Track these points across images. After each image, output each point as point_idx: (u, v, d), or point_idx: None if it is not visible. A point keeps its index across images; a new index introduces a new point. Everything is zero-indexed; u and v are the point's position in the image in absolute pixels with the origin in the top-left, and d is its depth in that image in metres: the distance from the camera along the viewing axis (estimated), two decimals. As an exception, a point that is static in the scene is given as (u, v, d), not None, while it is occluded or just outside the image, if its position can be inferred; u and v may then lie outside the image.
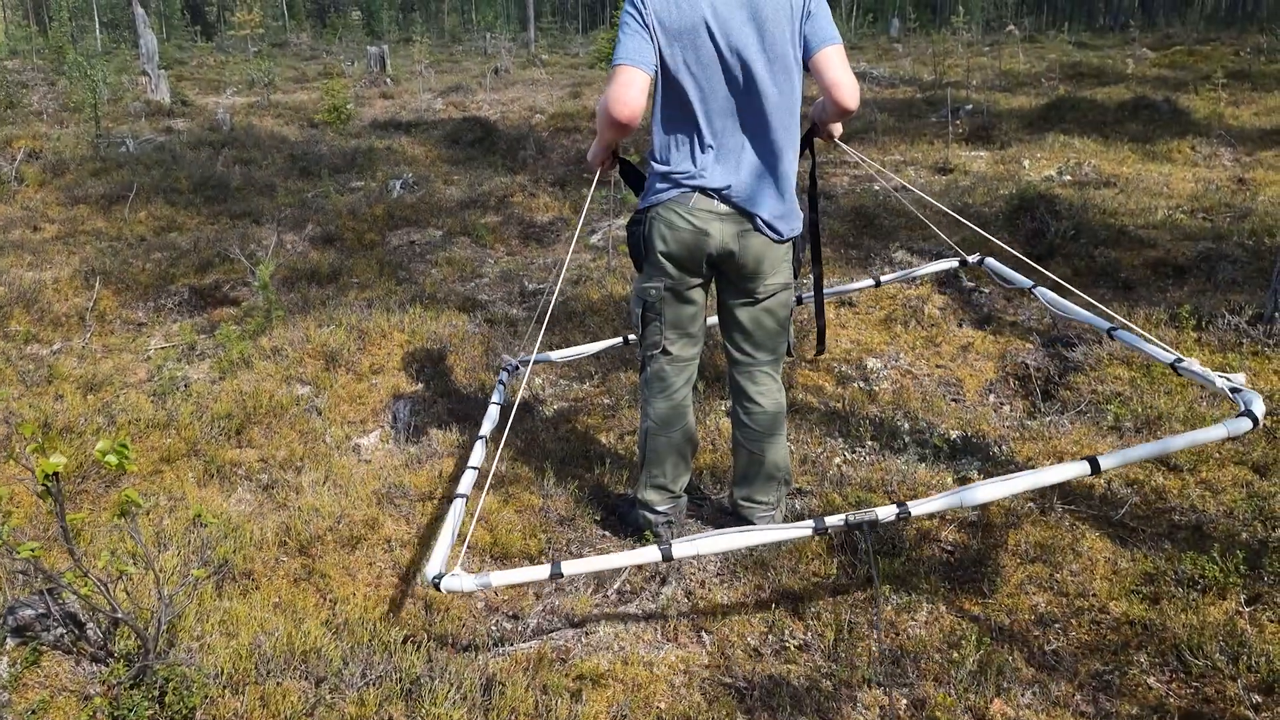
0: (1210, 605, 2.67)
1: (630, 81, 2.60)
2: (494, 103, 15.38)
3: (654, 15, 2.63)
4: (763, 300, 2.91)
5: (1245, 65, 16.18)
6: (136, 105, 14.66)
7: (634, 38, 2.63)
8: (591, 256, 6.65)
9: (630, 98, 2.60)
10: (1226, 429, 2.55)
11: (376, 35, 42.22)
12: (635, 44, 2.62)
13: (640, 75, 2.61)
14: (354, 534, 3.23)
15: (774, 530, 2.59)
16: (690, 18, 2.62)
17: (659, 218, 2.80)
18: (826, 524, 2.51)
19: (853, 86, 2.68)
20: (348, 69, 22.69)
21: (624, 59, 2.61)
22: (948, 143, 10.26)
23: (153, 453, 3.80)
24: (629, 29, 2.64)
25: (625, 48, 2.62)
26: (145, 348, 5.14)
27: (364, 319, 5.06)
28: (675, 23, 2.63)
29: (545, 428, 4.06)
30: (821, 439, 3.83)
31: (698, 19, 2.62)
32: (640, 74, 2.61)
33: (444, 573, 2.46)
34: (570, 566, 2.49)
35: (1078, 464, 2.55)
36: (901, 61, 21.44)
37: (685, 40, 2.64)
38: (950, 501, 2.53)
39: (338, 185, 9.01)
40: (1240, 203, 7.22)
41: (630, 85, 2.60)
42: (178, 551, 3.06)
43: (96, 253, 6.72)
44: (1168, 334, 4.39)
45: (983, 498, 2.55)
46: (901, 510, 2.48)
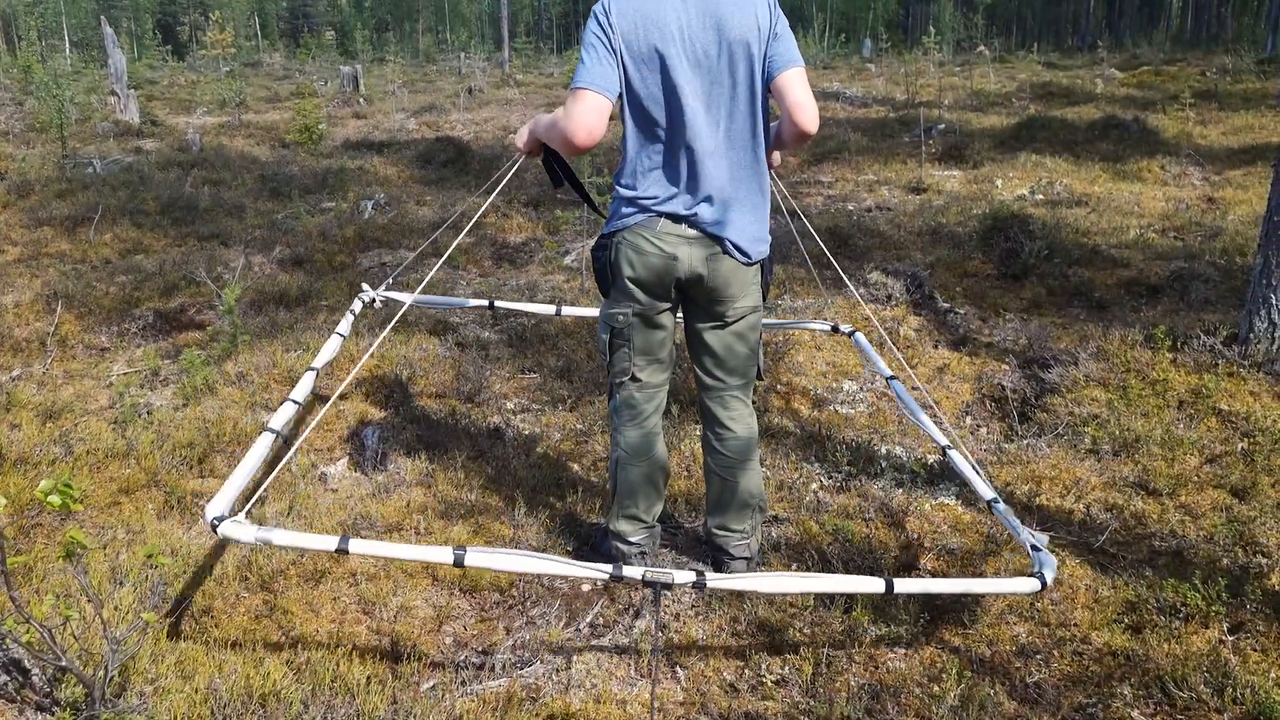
0: (1193, 634, 2.62)
1: (592, 108, 2.54)
2: (468, 123, 15.34)
3: (620, 36, 2.58)
4: (732, 324, 2.86)
5: (1212, 85, 16.40)
6: (105, 125, 14.49)
7: (599, 62, 2.57)
8: (565, 277, 6.58)
9: (592, 124, 2.54)
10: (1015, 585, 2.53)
11: (350, 55, 42.12)
12: (600, 69, 2.56)
13: (603, 101, 2.55)
14: (318, 568, 3.13)
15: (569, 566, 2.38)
16: (657, 40, 2.57)
17: (625, 242, 2.74)
18: (624, 574, 2.34)
19: (813, 110, 2.65)
20: (321, 89, 22.59)
21: (588, 83, 2.55)
22: (921, 162, 10.30)
23: (111, 484, 3.68)
24: (594, 52, 2.58)
25: (589, 71, 2.56)
26: (107, 373, 5.02)
27: (332, 343, 4.96)
28: (642, 45, 2.58)
29: (516, 455, 3.98)
30: (798, 464, 3.78)
31: (665, 41, 2.58)
32: (604, 100, 2.55)
33: (226, 515, 2.27)
34: (357, 545, 2.30)
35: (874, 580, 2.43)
36: (874, 81, 21.61)
37: (652, 63, 2.59)
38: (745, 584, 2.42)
39: (308, 206, 8.91)
40: (1210, 222, 7.27)
41: (592, 111, 2.54)
42: (134, 588, 2.95)
43: (60, 276, 6.58)
44: (1143, 355, 4.37)
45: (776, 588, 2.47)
46: (699, 580, 2.34)
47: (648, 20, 2.58)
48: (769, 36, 2.63)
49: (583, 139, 2.55)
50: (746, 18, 2.59)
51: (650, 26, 2.57)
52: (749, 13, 2.60)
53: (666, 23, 2.58)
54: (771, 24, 2.64)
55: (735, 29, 2.59)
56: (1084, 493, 3.43)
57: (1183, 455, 3.60)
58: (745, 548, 3.06)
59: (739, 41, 2.60)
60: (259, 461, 2.56)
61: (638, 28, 2.58)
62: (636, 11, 2.59)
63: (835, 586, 2.53)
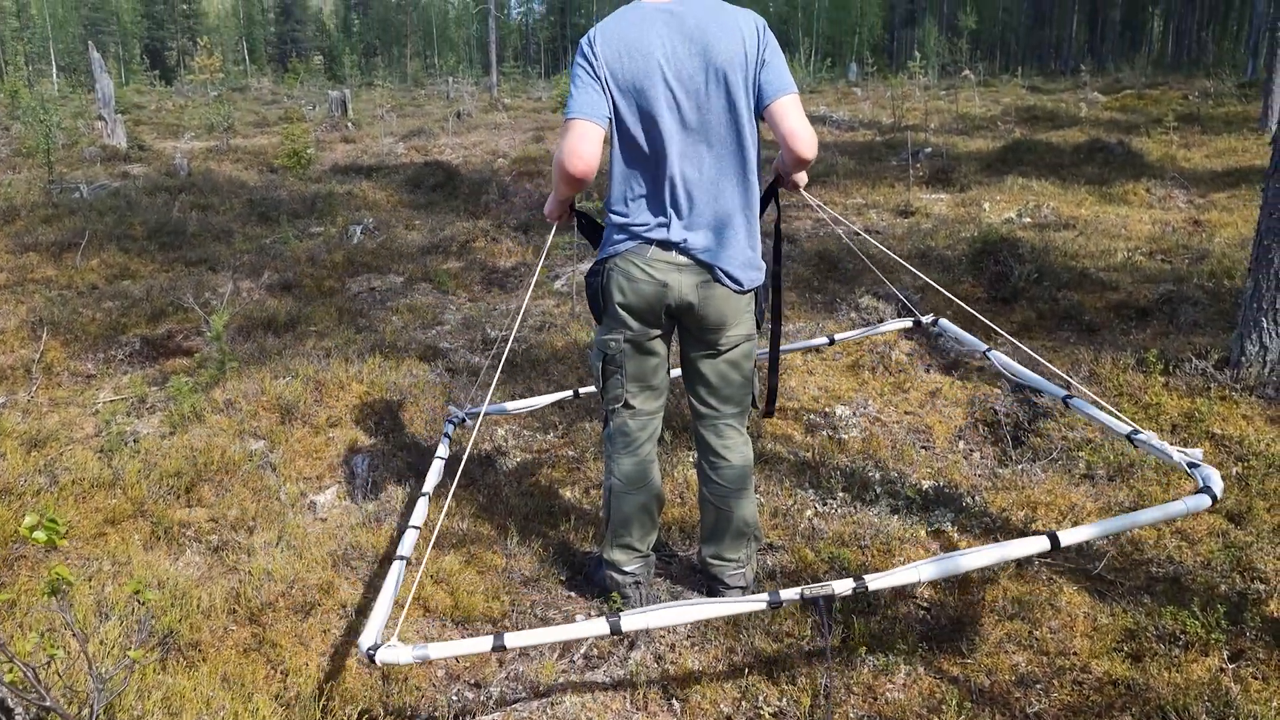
0: (1193, 662, 2.60)
1: (584, 135, 2.55)
2: (456, 147, 15.35)
3: (605, 66, 2.58)
4: (725, 352, 2.84)
5: (1194, 109, 16.57)
6: (92, 150, 14.45)
7: (586, 90, 2.58)
8: (556, 302, 6.56)
9: (585, 151, 2.55)
10: (1186, 505, 2.53)
11: (338, 80, 42.22)
12: (587, 96, 2.57)
13: (593, 128, 2.56)
14: (308, 599, 3.09)
15: (727, 604, 2.47)
16: (643, 68, 2.57)
17: (617, 269, 2.73)
18: (781, 597, 2.40)
19: (809, 136, 2.62)
20: (309, 113, 22.61)
21: (576, 112, 2.56)
22: (909, 186, 10.35)
23: (97, 514, 3.63)
24: (581, 81, 2.59)
25: (577, 101, 2.57)
26: (93, 401, 4.96)
27: (321, 369, 4.93)
28: (628, 74, 2.57)
29: (508, 482, 3.95)
30: (792, 491, 3.75)
31: (651, 69, 2.57)
32: (594, 127, 2.56)
33: (379, 643, 2.32)
34: (513, 639, 2.35)
35: (1038, 540, 2.45)
36: (861, 105, 21.76)
37: (639, 91, 2.59)
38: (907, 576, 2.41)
39: (297, 231, 8.88)
40: (1197, 244, 7.31)
41: (584, 139, 2.55)
42: (120, 622, 2.89)
43: (45, 302, 6.53)
44: (1135, 378, 4.37)
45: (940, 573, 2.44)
46: (859, 584, 2.38)
47: (633, 49, 2.57)
48: (758, 63, 2.62)
49: (579, 167, 2.55)
50: (733, 44, 2.58)
51: (636, 55, 2.57)
52: (736, 39, 2.59)
53: (652, 51, 2.57)
54: (760, 50, 2.62)
55: (722, 56, 2.58)
56: (1080, 518, 3.42)
57: (1178, 480, 3.59)
58: (740, 576, 3.03)
59: (726, 68, 2.59)
60: (396, 588, 2.60)
61: (623, 57, 2.57)
62: (621, 41, 2.58)
63: (1003, 555, 2.46)
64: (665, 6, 2.61)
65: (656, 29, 2.58)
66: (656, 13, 2.60)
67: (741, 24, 2.60)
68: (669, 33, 2.58)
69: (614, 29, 2.60)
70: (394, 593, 2.60)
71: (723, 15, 2.61)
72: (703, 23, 2.58)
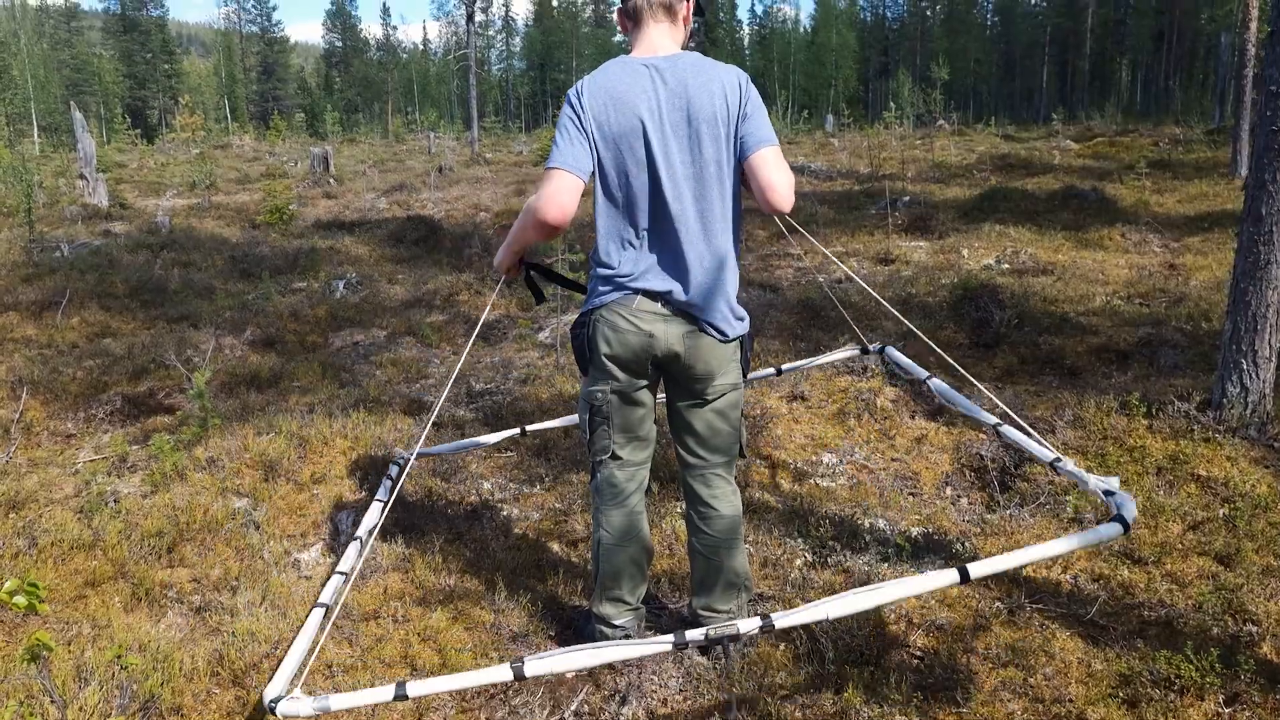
0: (1189, 707, 2.58)
1: (564, 186, 2.58)
2: (438, 201, 15.43)
3: (591, 118, 2.61)
4: (712, 401, 2.84)
5: (1165, 155, 16.88)
6: (73, 209, 14.44)
7: (571, 143, 2.61)
8: (540, 354, 6.56)
9: (563, 201, 2.58)
10: (1099, 534, 2.54)
11: (320, 136, 42.51)
12: (572, 150, 2.60)
13: (575, 181, 2.59)
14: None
15: (632, 646, 2.42)
16: (628, 121, 2.61)
17: (603, 320, 2.73)
18: (687, 638, 2.37)
19: (787, 189, 2.65)
20: (291, 169, 22.71)
21: (559, 163, 2.59)
22: (888, 233, 10.46)
23: (76, 577, 3.57)
24: (566, 133, 2.62)
25: (561, 152, 2.60)
26: (73, 461, 4.91)
27: (305, 425, 4.89)
28: (614, 126, 2.61)
29: (495, 536, 3.91)
30: (781, 540, 3.73)
31: (635, 122, 2.61)
32: (575, 180, 2.59)
33: (282, 694, 2.26)
34: (415, 688, 2.30)
35: (948, 573, 2.43)
36: (838, 155, 22.04)
37: (623, 143, 2.62)
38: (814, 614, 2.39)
39: (279, 286, 8.87)
40: (1174, 288, 7.40)
41: (564, 190, 2.58)
42: (100, 687, 2.83)
43: (25, 361, 6.48)
44: (1119, 422, 4.39)
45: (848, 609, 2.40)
46: (765, 623, 2.35)
47: (619, 102, 2.61)
48: (739, 116, 2.66)
49: (554, 216, 2.58)
50: (716, 98, 2.63)
51: (622, 108, 2.61)
52: (718, 93, 2.63)
53: (637, 104, 2.61)
54: (741, 103, 2.67)
55: (704, 110, 2.62)
56: (1070, 563, 3.41)
57: (1165, 522, 3.59)
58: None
59: (708, 122, 2.63)
60: (310, 639, 2.57)
61: (608, 109, 2.61)
62: (607, 94, 2.62)
63: (910, 590, 2.44)
64: (651, 61, 2.65)
65: (642, 83, 2.62)
66: (642, 67, 2.64)
67: (724, 78, 2.65)
68: (654, 87, 2.62)
69: (600, 82, 2.64)
70: (308, 642, 2.56)
71: (706, 70, 2.65)
72: (686, 78, 2.62)
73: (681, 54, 2.69)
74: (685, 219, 2.67)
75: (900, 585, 2.44)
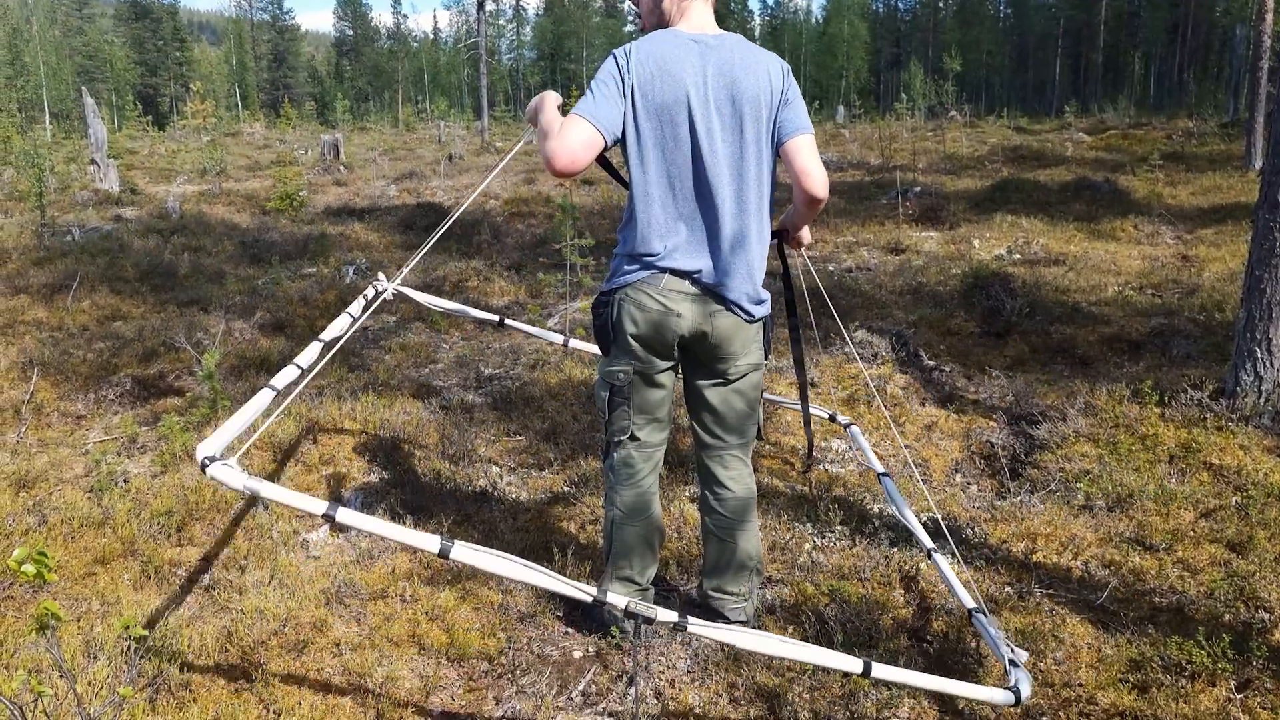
0: (1200, 693, 2.57)
1: (582, 138, 2.47)
2: (448, 189, 15.42)
3: (636, 82, 2.55)
4: (734, 381, 2.83)
5: (1178, 148, 16.78)
6: (84, 194, 14.47)
7: (606, 99, 2.53)
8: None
9: (576, 152, 2.46)
10: (991, 695, 2.47)
11: (330, 124, 42.52)
12: (605, 104, 2.52)
13: (595, 136, 2.49)
14: (301, 638, 3.03)
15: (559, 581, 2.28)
16: (673, 93, 2.57)
17: (628, 299, 2.71)
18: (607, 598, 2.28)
19: (822, 176, 2.65)
20: (301, 157, 22.72)
21: (585, 113, 2.49)
22: (899, 224, 10.42)
23: (86, 554, 3.58)
24: (604, 89, 2.54)
25: (594, 104, 2.51)
26: (83, 441, 4.92)
27: (314, 408, 4.90)
28: (658, 96, 2.56)
29: (503, 518, 3.91)
30: (790, 524, 3.72)
31: (680, 96, 2.57)
32: (596, 135, 2.49)
33: (217, 457, 2.17)
34: (345, 515, 2.21)
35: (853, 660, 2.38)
36: (849, 146, 21.96)
37: (665, 115, 2.58)
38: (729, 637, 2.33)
39: (289, 272, 8.88)
40: (1187, 279, 7.35)
41: (580, 141, 2.47)
42: (109, 662, 2.84)
43: (36, 343, 6.49)
44: (1131, 410, 4.37)
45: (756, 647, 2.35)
46: (680, 622, 2.28)
47: (666, 73, 2.57)
48: (780, 101, 2.65)
49: (562, 164, 2.46)
50: (760, 80, 2.62)
51: (668, 79, 2.57)
52: (763, 75, 2.63)
53: (684, 78, 2.58)
54: (783, 89, 2.66)
55: (749, 90, 2.60)
56: (1080, 549, 3.39)
57: (1177, 510, 3.57)
58: (742, 611, 2.99)
59: (752, 103, 2.61)
60: (257, 413, 2.52)
61: (655, 79, 2.56)
62: (656, 63, 2.58)
63: (814, 659, 2.38)
64: (700, 37, 2.63)
65: (691, 58, 2.59)
66: (691, 42, 2.61)
67: (769, 63, 2.65)
68: (701, 63, 2.59)
69: (649, 50, 2.59)
70: (253, 414, 2.50)
71: (752, 53, 2.65)
72: (734, 58, 2.61)
73: (728, 34, 2.68)
74: (721, 198, 2.65)
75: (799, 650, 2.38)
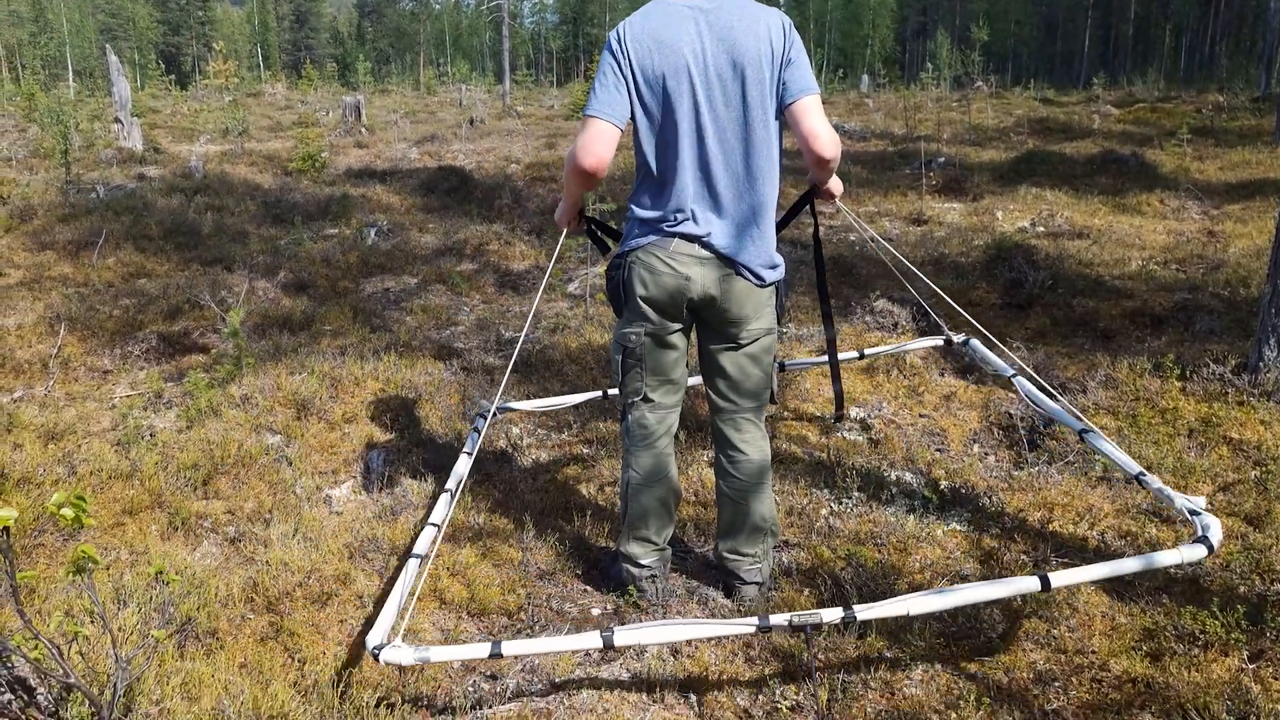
0: (1213, 662, 2.59)
1: (600, 134, 2.59)
2: (469, 152, 15.40)
3: (633, 60, 2.61)
4: (745, 345, 2.85)
5: (1207, 122, 16.54)
6: (108, 153, 14.54)
7: (609, 89, 2.61)
8: (569, 305, 6.58)
9: (598, 149, 2.59)
10: (1181, 555, 2.54)
11: (352, 86, 42.39)
12: (609, 96, 2.61)
13: (610, 129, 2.60)
14: (325, 590, 3.09)
15: (718, 625, 2.55)
16: (672, 64, 2.60)
17: (639, 262, 2.74)
18: (770, 622, 2.49)
19: (830, 137, 2.65)
20: (323, 118, 22.70)
21: (595, 111, 2.60)
22: (921, 195, 10.34)
23: (115, 504, 3.65)
24: (605, 79, 2.63)
25: (599, 99, 2.61)
26: (110, 396, 4.99)
27: (337, 367, 4.95)
28: (656, 68, 2.60)
29: (523, 478, 3.95)
30: (807, 490, 3.75)
31: (679, 64, 2.60)
32: (610, 128, 2.60)
33: (384, 643, 2.40)
34: (510, 647, 2.44)
35: (1029, 580, 2.54)
36: (873, 116, 21.76)
37: (665, 86, 2.61)
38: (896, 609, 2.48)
39: (311, 232, 8.91)
40: (1212, 254, 7.29)
41: (599, 137, 2.59)
42: (138, 609, 2.90)
43: (62, 299, 6.56)
44: (1152, 383, 4.36)
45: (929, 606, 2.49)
46: (848, 614, 2.47)
47: (662, 44, 2.60)
48: (783, 62, 2.64)
49: (590, 163, 2.60)
50: (761, 41, 2.61)
51: (665, 50, 2.59)
52: (763, 36, 2.61)
53: (680, 47, 2.59)
54: (785, 49, 2.65)
55: (749, 53, 2.60)
56: (1097, 520, 3.41)
57: (1195, 483, 3.58)
58: (757, 572, 3.03)
59: (753, 65, 2.61)
60: (407, 588, 2.69)
61: (652, 53, 2.60)
62: (651, 36, 2.61)
63: (991, 594, 2.53)
64: (694, 4, 2.63)
65: (685, 25, 2.60)
66: (685, 9, 2.62)
67: (769, 21, 2.63)
68: (697, 30, 2.60)
69: (642, 25, 2.62)
70: (405, 592, 2.64)
71: (751, 13, 2.63)
72: (730, 20, 2.60)
73: None
74: (727, 163, 2.66)
75: (980, 589, 2.54)
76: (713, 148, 2.65)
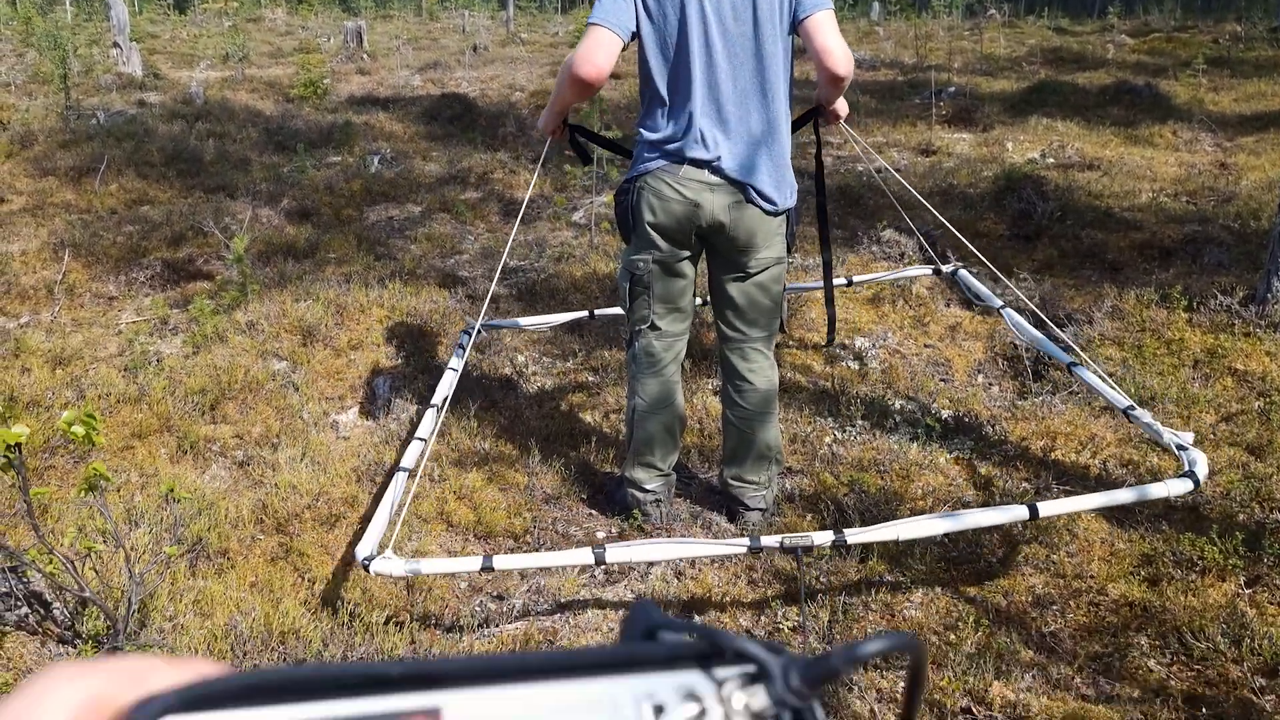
0: (1210, 587, 2.63)
1: (601, 42, 2.53)
2: (473, 80, 15.18)
3: None
4: (755, 274, 2.83)
5: (1224, 52, 16.21)
6: (108, 78, 14.33)
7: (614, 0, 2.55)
8: (574, 234, 6.54)
9: (599, 59, 2.53)
10: (1167, 488, 2.54)
11: (353, 12, 41.63)
12: (614, 6, 2.55)
13: (613, 38, 2.54)
14: (333, 512, 3.14)
15: (710, 545, 2.57)
16: None
17: (648, 187, 2.71)
18: (762, 543, 2.50)
19: (845, 53, 2.60)
20: (324, 45, 22.33)
21: (600, 19, 2.54)
22: (930, 125, 10.20)
23: (124, 428, 3.68)
24: None
25: (604, 8, 2.56)
26: (116, 321, 5.00)
27: (342, 294, 4.94)
28: None
29: (529, 405, 3.97)
30: (811, 418, 3.77)
31: None
32: (614, 37, 2.54)
33: (374, 554, 2.41)
34: (501, 561, 2.45)
35: (1018, 509, 2.53)
36: (883, 45, 21.35)
37: (675, 6, 2.55)
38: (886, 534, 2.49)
39: (314, 160, 8.83)
40: (1224, 187, 7.21)
41: (601, 46, 2.53)
42: (149, 529, 2.95)
43: (66, 225, 6.53)
44: (1158, 314, 4.35)
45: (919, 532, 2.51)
46: (838, 537, 2.47)
47: None
48: None
49: (589, 73, 2.53)
50: None
51: None
52: None
53: None
54: None
55: None
56: (1099, 449, 3.43)
57: (1199, 413, 3.59)
58: (761, 499, 3.06)
59: None
60: (396, 501, 2.66)
61: None
62: None
63: (978, 521, 2.55)
64: None
65: None
66: None
67: None
68: None
69: None
70: (393, 504, 2.66)
71: None
72: None
73: None
74: (737, 85, 2.62)
75: (971, 516, 2.54)
76: (721, 64, 2.60)
